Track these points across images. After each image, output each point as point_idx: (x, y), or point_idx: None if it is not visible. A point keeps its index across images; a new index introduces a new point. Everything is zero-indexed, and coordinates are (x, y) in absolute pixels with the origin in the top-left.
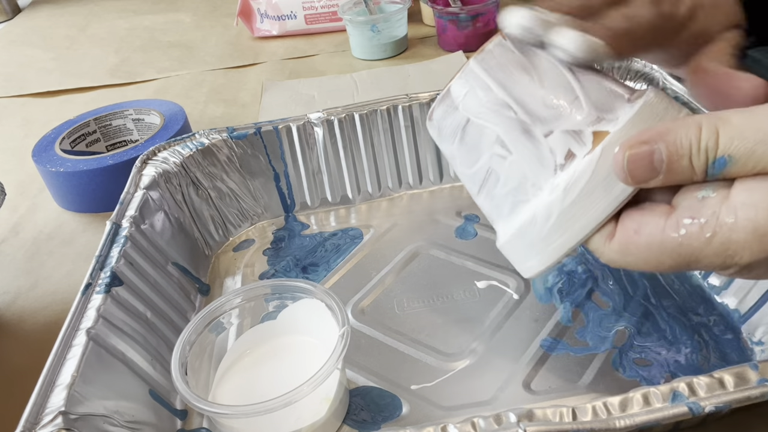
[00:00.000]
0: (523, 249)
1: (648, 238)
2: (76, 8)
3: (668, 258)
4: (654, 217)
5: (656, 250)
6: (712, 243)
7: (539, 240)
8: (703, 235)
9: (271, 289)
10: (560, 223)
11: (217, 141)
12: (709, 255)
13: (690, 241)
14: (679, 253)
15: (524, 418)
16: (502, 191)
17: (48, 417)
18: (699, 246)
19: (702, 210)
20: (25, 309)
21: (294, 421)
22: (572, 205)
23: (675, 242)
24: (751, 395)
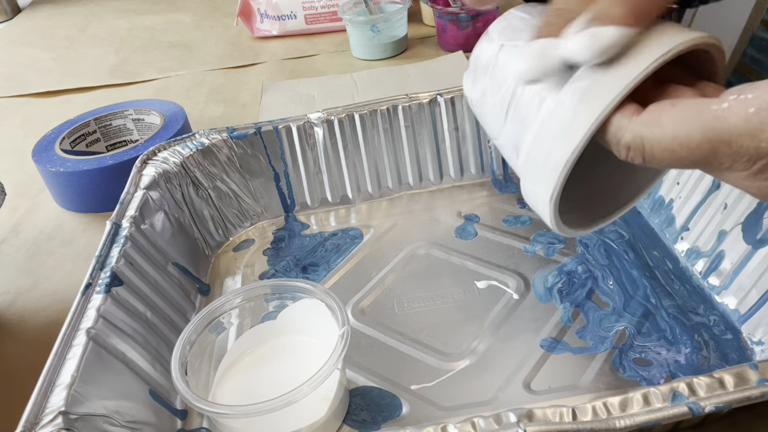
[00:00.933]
0: (547, 144)
1: (685, 107)
2: (76, 8)
3: (699, 133)
4: (695, 95)
5: (690, 121)
6: (752, 120)
7: (564, 123)
8: (744, 110)
9: (271, 289)
10: (586, 93)
11: (217, 141)
12: (744, 135)
13: (729, 114)
14: (713, 127)
15: (524, 418)
16: (528, 96)
17: (48, 417)
18: (736, 122)
19: (751, 89)
20: (25, 309)
21: (294, 421)
22: (590, 79)
23: (713, 114)
24: (751, 395)
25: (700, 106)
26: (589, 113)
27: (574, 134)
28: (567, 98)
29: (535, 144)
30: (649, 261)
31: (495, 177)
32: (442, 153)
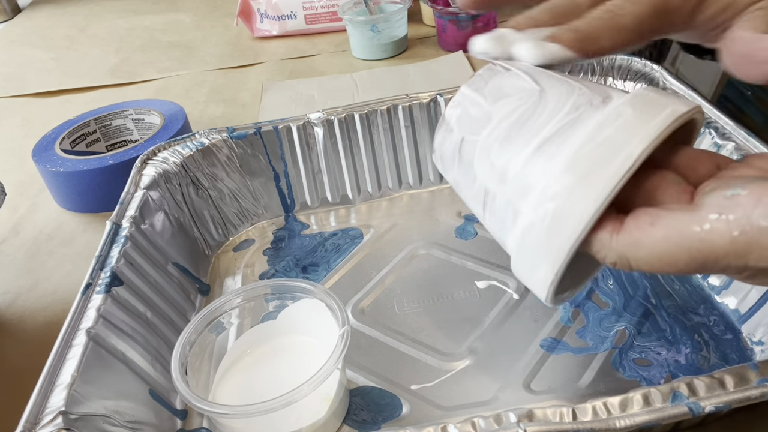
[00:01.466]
0: (530, 259)
1: (666, 230)
2: (76, 8)
3: (685, 254)
4: (674, 212)
5: (674, 244)
6: (737, 243)
7: (541, 243)
8: (729, 233)
9: (271, 289)
10: (560, 214)
11: (217, 141)
12: (730, 255)
13: (713, 237)
14: (699, 249)
15: (524, 418)
16: (500, 203)
17: (48, 417)
18: (722, 244)
19: (731, 207)
20: (25, 309)
21: (294, 421)
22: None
23: (696, 237)
24: (751, 395)
25: (682, 228)
26: (565, 238)
27: (554, 257)
28: (538, 219)
29: (519, 256)
30: None
31: None
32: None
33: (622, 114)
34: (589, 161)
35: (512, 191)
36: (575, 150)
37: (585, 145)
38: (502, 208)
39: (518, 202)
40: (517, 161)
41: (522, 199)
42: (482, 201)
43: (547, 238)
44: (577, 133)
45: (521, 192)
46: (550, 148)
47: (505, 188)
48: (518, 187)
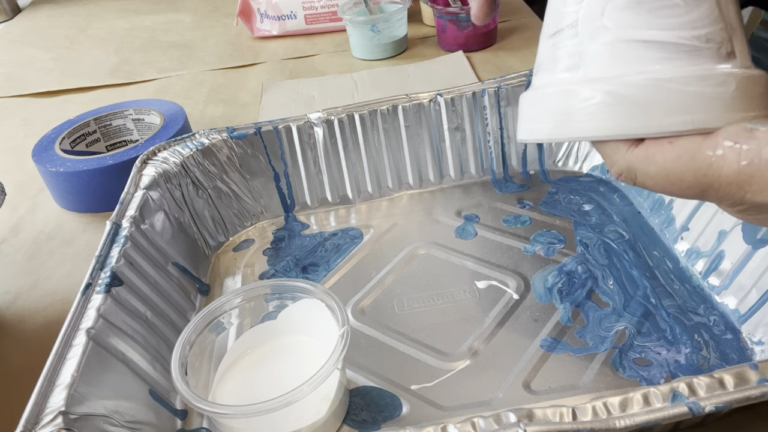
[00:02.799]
0: (546, 109)
1: (680, 150)
2: (76, 8)
3: (691, 176)
4: (691, 137)
5: (683, 164)
6: (742, 173)
7: (566, 111)
8: (737, 162)
9: (271, 289)
10: (601, 111)
11: (217, 141)
12: (732, 184)
13: (722, 163)
14: (705, 173)
15: (524, 418)
16: (570, 47)
17: (48, 417)
18: (728, 172)
19: (747, 138)
20: (25, 309)
21: (294, 421)
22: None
23: (707, 161)
24: (751, 395)
25: (695, 150)
26: (581, 130)
27: (561, 130)
28: (582, 95)
29: (536, 97)
30: (649, 261)
31: (495, 177)
32: (442, 153)
33: (723, 84)
34: (662, 98)
35: (592, 51)
36: (663, 78)
37: (673, 81)
38: (569, 51)
39: (586, 64)
40: (622, 34)
41: (591, 65)
42: (565, 24)
43: (573, 115)
44: (682, 64)
45: (597, 59)
46: (654, 52)
47: (590, 43)
48: (598, 54)
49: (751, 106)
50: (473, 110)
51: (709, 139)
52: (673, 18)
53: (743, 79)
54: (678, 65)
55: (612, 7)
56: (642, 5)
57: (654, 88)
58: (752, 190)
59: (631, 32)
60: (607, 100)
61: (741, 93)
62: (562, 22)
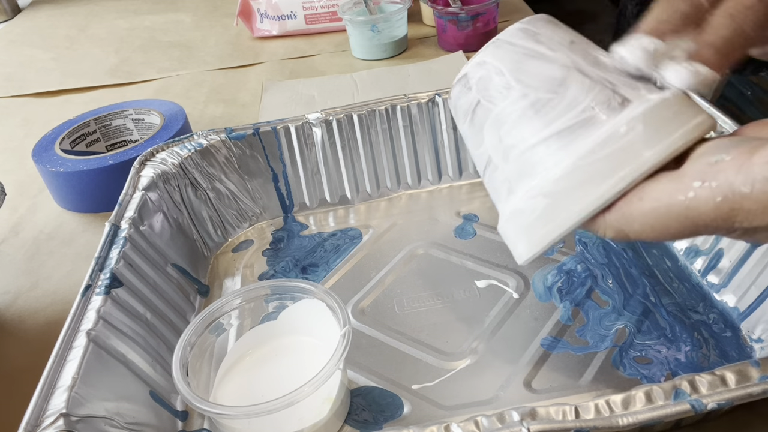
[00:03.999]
0: (514, 234)
1: (653, 203)
2: (76, 8)
3: (675, 222)
4: (659, 182)
5: (662, 214)
6: (721, 208)
7: (526, 227)
8: (712, 200)
9: (270, 289)
10: (548, 212)
11: (216, 142)
12: (717, 219)
13: (698, 204)
14: (687, 216)
15: (527, 416)
16: (499, 176)
17: (49, 419)
18: (707, 210)
19: (714, 174)
20: (25, 309)
21: (296, 421)
22: (562, 193)
23: (682, 206)
24: (752, 392)
25: (668, 198)
26: (547, 233)
27: (534, 243)
28: (529, 208)
29: (505, 225)
30: (648, 259)
31: None
32: (440, 153)
33: (631, 130)
34: (585, 175)
35: (512, 171)
36: (575, 159)
37: (586, 156)
38: (500, 181)
39: (515, 183)
40: (522, 145)
41: (518, 182)
42: (484, 165)
43: (533, 227)
44: (583, 139)
45: (519, 175)
46: (555, 144)
47: (507, 166)
48: (518, 170)
49: (673, 127)
50: None
51: (678, 182)
52: (555, 109)
53: (648, 113)
54: (582, 142)
55: (504, 131)
56: (525, 116)
57: (574, 170)
58: (738, 220)
59: (529, 140)
60: (547, 202)
61: (654, 124)
62: (483, 163)
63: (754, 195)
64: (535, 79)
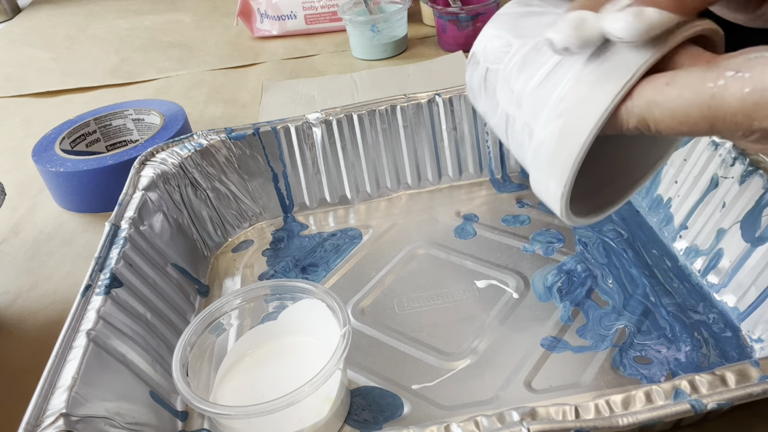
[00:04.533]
0: (544, 177)
1: (680, 89)
2: (76, 8)
3: (697, 111)
4: (690, 70)
5: (686, 101)
6: (746, 101)
7: (549, 158)
8: (740, 90)
9: (270, 289)
10: (565, 129)
11: (216, 142)
12: (738, 113)
13: (725, 93)
14: (710, 105)
15: (527, 416)
16: (518, 126)
17: (49, 419)
18: (732, 102)
19: (750, 66)
20: (25, 309)
21: (296, 421)
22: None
23: (709, 93)
24: (752, 392)
25: (697, 85)
26: (570, 152)
27: (561, 170)
28: (547, 136)
29: (534, 175)
30: (648, 259)
31: (493, 176)
32: (440, 153)
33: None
34: (593, 77)
35: (527, 113)
36: (580, 68)
37: (590, 62)
38: (520, 131)
39: (532, 124)
40: (530, 84)
41: (535, 120)
42: (504, 126)
43: (555, 153)
44: (583, 53)
45: (533, 114)
46: (559, 70)
47: (522, 111)
48: (531, 110)
49: None
50: (471, 110)
51: (711, 70)
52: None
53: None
54: (583, 55)
55: (513, 80)
56: (528, 58)
57: (580, 79)
58: (759, 117)
59: (536, 77)
60: (562, 121)
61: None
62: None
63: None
64: (533, 30)
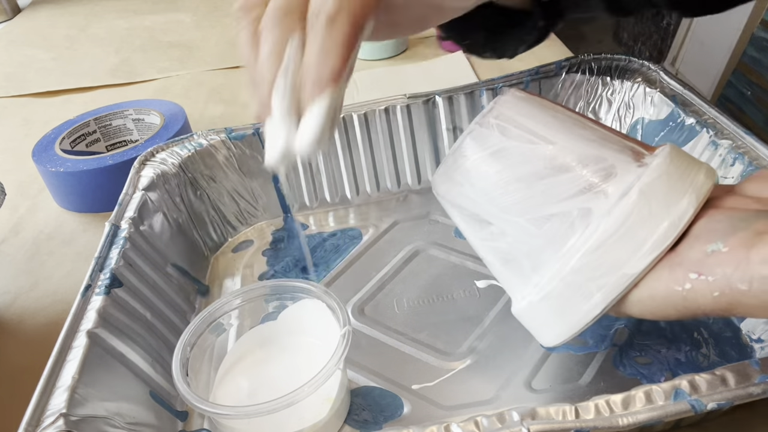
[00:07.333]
0: (545, 316)
1: (651, 291)
2: (76, 8)
3: (673, 311)
4: (655, 271)
5: (660, 303)
6: (719, 301)
7: (565, 305)
8: (710, 293)
9: (270, 289)
10: (595, 276)
11: (216, 142)
12: (716, 310)
13: (695, 296)
14: (685, 306)
15: (527, 416)
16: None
17: (49, 419)
18: (705, 302)
19: (711, 267)
20: (25, 309)
21: (296, 421)
22: (599, 263)
23: (679, 296)
24: (752, 392)
25: (665, 289)
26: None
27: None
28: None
29: (531, 310)
30: None
31: None
32: (440, 153)
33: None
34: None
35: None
36: (579, 258)
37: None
38: (522, 257)
39: (536, 261)
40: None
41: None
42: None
43: (575, 299)
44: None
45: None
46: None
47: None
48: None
49: (668, 202)
50: (471, 110)
51: (675, 271)
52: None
53: (637, 201)
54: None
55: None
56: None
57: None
58: (737, 312)
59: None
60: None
61: (645, 211)
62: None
63: (753, 292)
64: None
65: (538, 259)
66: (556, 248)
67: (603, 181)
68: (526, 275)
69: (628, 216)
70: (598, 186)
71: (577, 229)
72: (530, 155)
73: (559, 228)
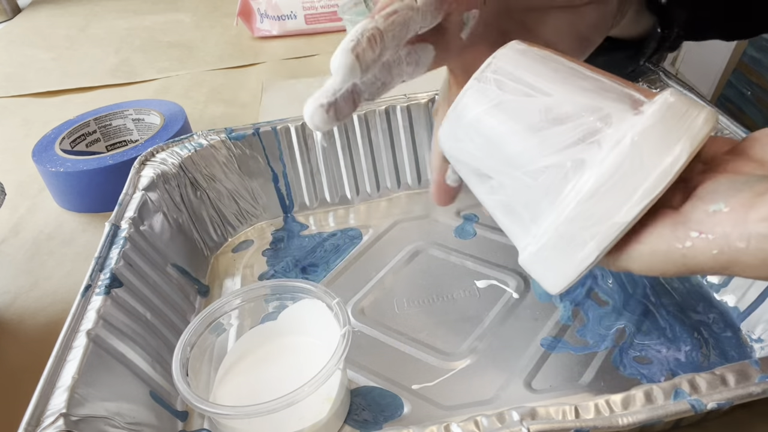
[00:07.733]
0: (545, 265)
1: (651, 247)
2: (76, 8)
3: (672, 266)
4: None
5: (660, 259)
6: (718, 259)
7: (561, 254)
8: (709, 251)
9: (270, 289)
10: (587, 225)
11: (216, 142)
12: (715, 267)
13: (695, 254)
14: (684, 263)
15: (527, 416)
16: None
17: (49, 419)
18: (704, 260)
19: (712, 226)
20: (25, 309)
21: (296, 421)
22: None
23: (679, 253)
24: (752, 392)
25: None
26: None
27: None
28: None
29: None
30: None
31: None
32: None
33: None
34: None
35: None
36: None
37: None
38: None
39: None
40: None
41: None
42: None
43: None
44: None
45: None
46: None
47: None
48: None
49: (660, 150)
50: None
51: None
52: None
53: (630, 150)
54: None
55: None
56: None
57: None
58: (735, 270)
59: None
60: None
61: (636, 160)
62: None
63: (750, 251)
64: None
65: (536, 210)
66: (552, 199)
67: (598, 132)
68: (526, 226)
69: (619, 165)
70: (592, 136)
71: (570, 179)
72: (526, 108)
73: (554, 179)
